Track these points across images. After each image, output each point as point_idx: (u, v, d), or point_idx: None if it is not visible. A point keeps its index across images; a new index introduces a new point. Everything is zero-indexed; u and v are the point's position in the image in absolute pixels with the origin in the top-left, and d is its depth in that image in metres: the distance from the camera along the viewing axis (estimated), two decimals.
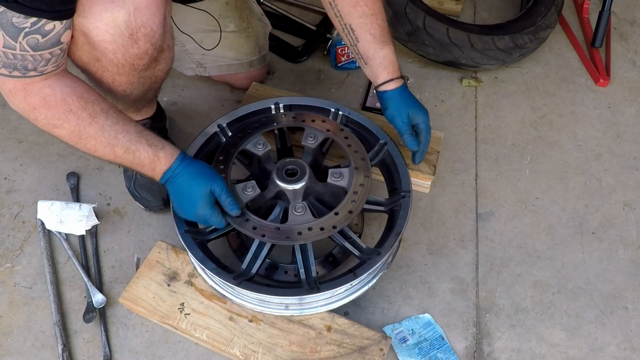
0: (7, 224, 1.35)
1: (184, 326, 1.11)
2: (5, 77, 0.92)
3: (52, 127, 0.99)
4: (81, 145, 1.02)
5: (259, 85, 1.55)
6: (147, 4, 1.00)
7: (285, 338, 1.09)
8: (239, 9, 1.49)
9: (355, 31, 1.16)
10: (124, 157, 1.03)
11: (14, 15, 0.85)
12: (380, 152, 1.24)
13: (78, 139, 1.00)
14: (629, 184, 1.45)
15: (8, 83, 0.94)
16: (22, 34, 0.87)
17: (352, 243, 1.11)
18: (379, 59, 1.17)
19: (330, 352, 1.07)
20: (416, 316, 1.20)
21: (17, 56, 0.89)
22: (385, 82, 1.19)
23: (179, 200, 1.09)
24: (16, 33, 0.87)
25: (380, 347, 1.08)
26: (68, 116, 0.98)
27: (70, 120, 0.98)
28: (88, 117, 0.99)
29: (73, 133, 0.99)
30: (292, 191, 1.12)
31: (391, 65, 1.18)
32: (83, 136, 1.00)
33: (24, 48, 0.89)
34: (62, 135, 1.00)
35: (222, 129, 1.25)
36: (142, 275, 1.17)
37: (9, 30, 0.86)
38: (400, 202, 1.15)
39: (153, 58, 1.09)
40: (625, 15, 1.91)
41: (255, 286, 1.05)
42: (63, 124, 0.98)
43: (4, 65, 0.90)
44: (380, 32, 1.16)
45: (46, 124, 0.99)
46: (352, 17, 1.15)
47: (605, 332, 1.19)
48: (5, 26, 0.86)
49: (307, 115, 1.25)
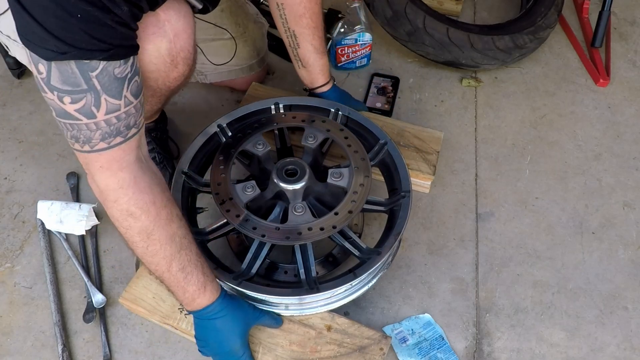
0: (7, 224, 1.35)
1: (184, 326, 1.11)
2: (103, 152, 0.80)
3: (127, 215, 0.87)
4: (143, 245, 0.90)
5: (259, 85, 1.56)
6: (184, 27, 1.00)
7: (286, 338, 1.09)
8: (235, 15, 1.49)
9: (297, 38, 1.28)
10: (175, 275, 0.93)
11: (115, 67, 0.75)
12: (380, 152, 1.24)
13: (146, 238, 0.89)
14: (629, 184, 1.45)
15: (103, 157, 0.82)
16: (125, 84, 0.77)
17: (352, 243, 1.11)
18: (318, 67, 1.33)
19: (331, 351, 1.07)
20: (416, 316, 1.20)
21: (121, 117, 0.79)
22: (322, 85, 1.36)
23: (214, 337, 1.01)
24: (120, 87, 0.77)
25: (381, 347, 1.08)
26: (149, 208, 0.87)
27: (150, 213, 0.87)
28: (165, 217, 0.89)
29: (146, 230, 0.88)
30: (292, 191, 1.12)
31: (327, 71, 1.36)
32: (152, 236, 0.89)
33: (129, 101, 0.79)
34: (133, 227, 0.88)
35: (222, 129, 1.25)
36: (141, 276, 1.17)
37: (111, 88, 0.76)
38: (400, 202, 1.15)
39: (187, 77, 1.10)
40: (625, 15, 1.91)
41: (255, 286, 1.05)
42: (142, 216, 0.87)
43: (102, 138, 0.79)
44: (320, 44, 1.29)
45: (125, 209, 0.86)
46: (297, 26, 1.26)
47: (605, 332, 1.19)
48: (107, 87, 0.75)
49: (307, 115, 1.25)
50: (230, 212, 1.08)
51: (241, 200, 1.09)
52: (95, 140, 0.80)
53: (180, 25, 0.99)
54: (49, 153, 1.48)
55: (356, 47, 1.66)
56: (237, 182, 1.12)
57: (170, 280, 0.94)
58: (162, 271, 0.93)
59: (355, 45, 1.66)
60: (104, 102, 0.77)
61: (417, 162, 1.36)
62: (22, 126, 1.53)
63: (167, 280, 0.95)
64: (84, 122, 0.77)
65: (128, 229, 0.89)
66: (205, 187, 1.19)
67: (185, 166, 1.19)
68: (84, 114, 0.77)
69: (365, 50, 1.68)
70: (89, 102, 0.76)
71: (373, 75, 1.69)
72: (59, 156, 1.47)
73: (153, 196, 0.88)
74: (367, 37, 1.65)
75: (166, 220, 0.90)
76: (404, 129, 1.43)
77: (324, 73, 1.35)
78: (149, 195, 0.88)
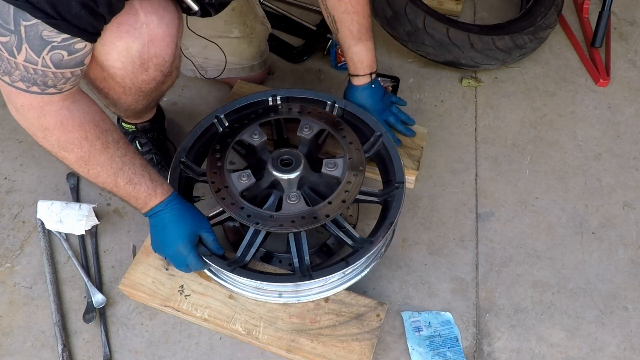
0: (7, 224, 1.35)
1: (185, 307, 1.13)
2: (21, 92, 0.88)
3: (59, 150, 0.96)
4: (84, 170, 0.99)
5: (244, 83, 1.57)
6: (162, 35, 1.00)
7: (285, 311, 1.12)
8: (244, 15, 1.49)
9: (336, 22, 1.26)
10: (124, 187, 1.02)
11: (45, 29, 0.81)
12: (375, 144, 1.24)
13: (84, 165, 0.98)
14: (629, 184, 1.45)
15: (23, 98, 0.89)
16: (47, 48, 0.84)
17: (345, 232, 1.12)
18: (350, 54, 1.28)
19: (330, 321, 1.10)
20: (437, 312, 1.21)
21: (38, 72, 0.86)
22: (357, 76, 1.31)
23: (162, 234, 1.08)
24: (41, 47, 0.83)
25: (377, 313, 1.11)
26: (82, 142, 0.95)
27: (83, 146, 0.95)
28: (100, 146, 0.97)
29: (81, 159, 0.97)
30: (286, 180, 1.13)
31: (360, 62, 1.29)
32: (90, 163, 0.98)
33: (46, 64, 0.85)
34: (68, 158, 0.97)
35: (219, 119, 1.26)
36: (140, 262, 1.18)
37: (34, 44, 0.82)
38: (394, 193, 1.16)
39: (161, 82, 1.10)
40: (625, 15, 1.91)
41: (249, 273, 1.07)
42: (74, 149, 0.95)
43: (21, 79, 0.86)
44: (358, 29, 1.24)
45: (56, 146, 0.95)
46: (336, 11, 1.24)
47: (605, 332, 1.19)
48: (31, 39, 0.82)
49: (303, 106, 1.26)
50: (225, 200, 1.09)
51: (236, 189, 1.10)
52: (15, 77, 0.86)
53: (159, 31, 0.99)
54: (49, 153, 1.48)
55: None
56: (233, 172, 1.13)
57: (120, 193, 1.03)
58: (111, 187, 1.02)
59: None
60: (24, 50, 0.83)
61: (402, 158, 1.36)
62: None
63: (118, 193, 1.03)
64: (5, 55, 0.83)
65: (63, 159, 0.97)
66: (202, 176, 1.20)
67: (182, 155, 1.20)
68: (6, 50, 0.83)
69: None
70: (12, 42, 0.82)
71: None
72: None
73: (84, 132, 0.95)
74: None
75: (101, 149, 0.97)
76: None
77: (354, 63, 1.29)
78: (79, 132, 0.94)
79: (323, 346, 1.08)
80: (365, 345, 1.07)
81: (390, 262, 1.28)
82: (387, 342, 1.16)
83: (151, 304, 1.18)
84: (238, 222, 1.23)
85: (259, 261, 1.20)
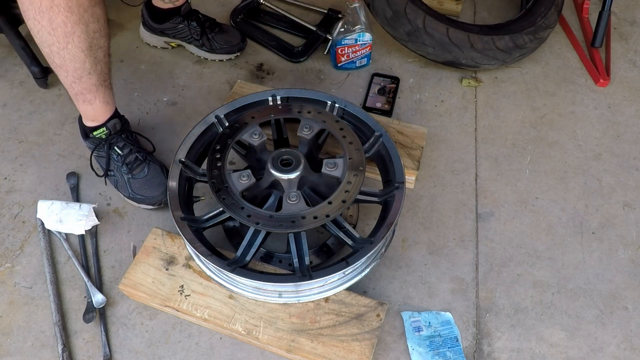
0: (7, 224, 1.35)
1: (185, 307, 1.13)
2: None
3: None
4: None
5: (244, 83, 1.56)
6: None
7: (285, 311, 1.12)
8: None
9: None
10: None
11: None
12: (375, 144, 1.25)
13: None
14: (629, 184, 1.45)
15: None
16: None
17: (345, 233, 1.12)
18: None
19: (330, 321, 1.11)
20: (437, 312, 1.21)
21: None
22: None
23: None
24: None
25: (377, 313, 1.11)
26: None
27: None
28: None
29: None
30: (286, 180, 1.13)
31: None
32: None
33: None
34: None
35: (220, 119, 1.26)
36: (140, 262, 1.18)
37: None
38: (394, 193, 1.16)
39: None
40: (625, 15, 1.91)
41: (249, 273, 1.06)
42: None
43: None
44: None
45: None
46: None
47: (605, 332, 1.19)
48: None
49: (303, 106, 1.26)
50: (225, 200, 1.09)
51: (236, 189, 1.10)
52: None
53: None
54: (49, 153, 1.48)
55: (356, 47, 1.66)
56: (233, 171, 1.14)
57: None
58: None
59: (355, 45, 1.66)
60: None
61: (402, 158, 1.36)
62: (22, 126, 1.53)
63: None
64: None
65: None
66: (202, 176, 1.21)
67: (182, 155, 1.20)
68: None
69: (365, 50, 1.68)
70: None
71: (373, 75, 1.69)
72: (59, 156, 1.47)
73: None
74: (367, 37, 1.65)
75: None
76: (389, 125, 1.44)
77: None
78: None
79: (323, 346, 1.08)
80: (365, 345, 1.08)
81: (390, 262, 1.28)
82: (387, 342, 1.16)
83: (151, 304, 1.18)
84: (238, 222, 1.23)
85: (259, 261, 1.20)
